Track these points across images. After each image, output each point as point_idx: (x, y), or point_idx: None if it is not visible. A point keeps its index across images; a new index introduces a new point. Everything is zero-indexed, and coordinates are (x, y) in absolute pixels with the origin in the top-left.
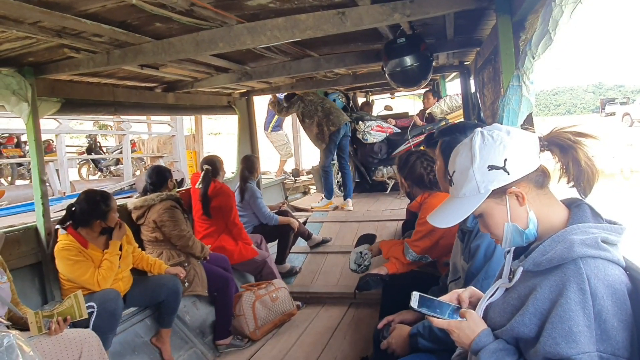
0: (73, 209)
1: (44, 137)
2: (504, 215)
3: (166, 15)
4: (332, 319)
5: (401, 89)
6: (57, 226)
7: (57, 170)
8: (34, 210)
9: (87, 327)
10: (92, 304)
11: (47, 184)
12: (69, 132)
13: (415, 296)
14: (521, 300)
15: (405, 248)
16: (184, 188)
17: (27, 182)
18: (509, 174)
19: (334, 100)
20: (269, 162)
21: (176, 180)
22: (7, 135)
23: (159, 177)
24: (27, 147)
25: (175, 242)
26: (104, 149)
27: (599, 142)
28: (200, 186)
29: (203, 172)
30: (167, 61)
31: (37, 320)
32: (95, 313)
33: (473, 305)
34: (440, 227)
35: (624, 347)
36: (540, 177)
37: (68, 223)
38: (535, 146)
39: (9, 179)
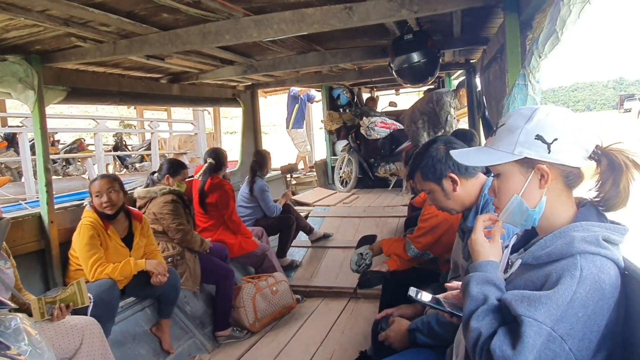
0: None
1: (78, 135)
2: (518, 187)
3: (173, 6)
4: (331, 313)
5: (408, 85)
6: (85, 203)
7: (94, 165)
8: (72, 200)
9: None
10: (88, 294)
11: (87, 178)
12: (105, 131)
13: (413, 290)
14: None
15: (407, 244)
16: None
17: (59, 177)
18: (549, 153)
19: (339, 96)
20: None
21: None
22: None
23: (166, 167)
24: (59, 146)
25: (173, 236)
26: (129, 147)
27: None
28: (200, 178)
29: (206, 164)
30: (173, 52)
31: (40, 306)
32: (92, 303)
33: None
34: (460, 162)
35: (576, 337)
36: (573, 177)
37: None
38: (588, 148)
39: None
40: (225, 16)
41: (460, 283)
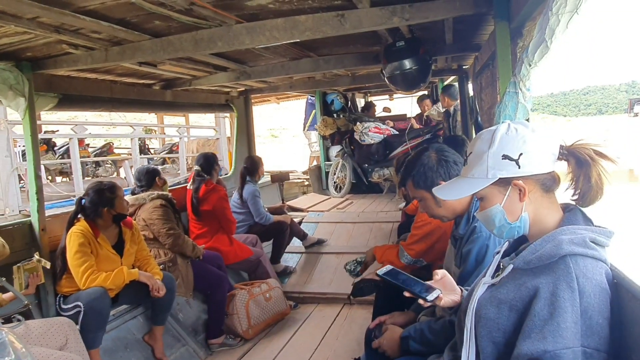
0: (82, 202)
1: (115, 139)
2: (499, 202)
3: (165, 14)
4: (325, 319)
5: (400, 91)
6: (79, 215)
7: (130, 167)
8: None
9: (77, 324)
10: (78, 303)
11: (124, 178)
12: (140, 136)
13: (387, 267)
14: (510, 296)
15: (400, 251)
16: (179, 186)
17: (89, 177)
18: (519, 168)
19: (332, 101)
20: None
21: None
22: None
23: (146, 177)
24: (89, 149)
25: (163, 241)
26: (151, 150)
27: (615, 163)
28: (191, 187)
29: (194, 171)
30: (166, 59)
31: (20, 276)
32: (82, 312)
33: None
34: (443, 199)
35: (606, 343)
36: (549, 182)
37: (79, 216)
38: (554, 152)
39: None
40: (217, 23)
41: (443, 271)
